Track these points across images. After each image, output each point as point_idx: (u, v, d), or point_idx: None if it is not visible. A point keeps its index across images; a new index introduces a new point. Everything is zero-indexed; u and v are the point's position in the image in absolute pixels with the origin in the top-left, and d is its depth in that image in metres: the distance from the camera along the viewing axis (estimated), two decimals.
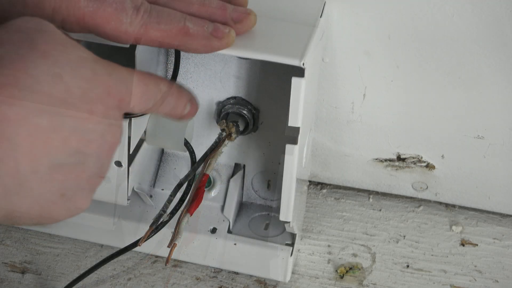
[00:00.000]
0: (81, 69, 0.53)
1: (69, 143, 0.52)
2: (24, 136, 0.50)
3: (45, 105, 0.51)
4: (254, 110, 0.75)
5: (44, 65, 0.52)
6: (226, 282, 0.76)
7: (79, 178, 0.54)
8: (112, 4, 0.57)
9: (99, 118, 0.54)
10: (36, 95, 0.51)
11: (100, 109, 0.54)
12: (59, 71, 0.52)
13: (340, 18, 0.74)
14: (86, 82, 0.53)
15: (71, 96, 0.52)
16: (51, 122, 0.51)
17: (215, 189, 0.78)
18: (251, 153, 0.78)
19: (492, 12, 0.71)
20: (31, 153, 0.50)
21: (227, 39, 0.61)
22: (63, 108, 0.52)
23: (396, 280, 0.77)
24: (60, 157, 0.52)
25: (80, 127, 0.53)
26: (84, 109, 0.53)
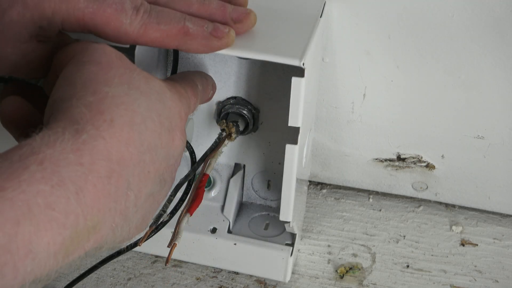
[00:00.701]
0: (164, 100, 0.55)
1: (159, 173, 0.54)
2: (136, 175, 0.51)
3: (150, 142, 0.52)
4: (254, 110, 0.75)
5: (144, 102, 0.53)
6: (226, 282, 0.76)
7: (155, 201, 0.56)
8: (111, 5, 0.57)
9: (178, 143, 0.55)
10: (144, 134, 0.52)
11: (178, 135, 0.55)
12: (155, 107, 0.53)
13: (340, 18, 0.74)
14: (169, 112, 0.55)
15: (164, 128, 0.54)
16: (152, 157, 0.52)
17: (215, 189, 0.78)
18: (251, 153, 0.78)
19: (492, 12, 0.71)
20: (138, 189, 0.51)
21: (227, 39, 0.61)
22: (159, 141, 0.53)
23: (396, 280, 0.77)
24: (153, 187, 0.54)
25: (167, 156, 0.54)
26: (170, 138, 0.55)
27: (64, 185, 0.46)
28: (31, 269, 0.45)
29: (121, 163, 0.49)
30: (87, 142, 0.48)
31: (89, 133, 0.49)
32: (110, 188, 0.48)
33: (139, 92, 0.53)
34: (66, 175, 0.46)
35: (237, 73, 0.74)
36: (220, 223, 0.76)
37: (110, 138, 0.49)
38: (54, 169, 0.46)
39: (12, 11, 0.57)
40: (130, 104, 0.52)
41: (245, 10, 0.63)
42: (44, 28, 0.58)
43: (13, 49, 0.58)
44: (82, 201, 0.47)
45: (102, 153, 0.49)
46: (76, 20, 0.57)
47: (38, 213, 0.45)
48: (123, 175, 0.49)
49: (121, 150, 0.50)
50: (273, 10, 0.68)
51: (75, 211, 0.46)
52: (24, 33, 0.58)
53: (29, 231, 0.44)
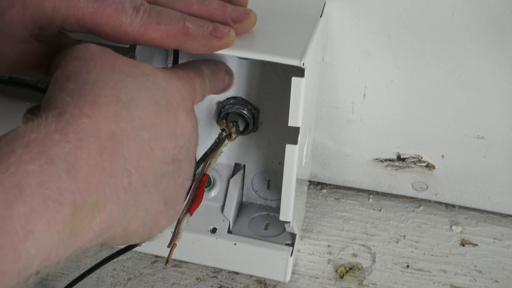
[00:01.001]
0: (157, 81, 0.55)
1: (167, 152, 0.54)
2: (132, 150, 0.51)
3: (144, 118, 0.52)
4: (254, 110, 0.75)
5: (131, 82, 0.53)
6: (226, 282, 0.76)
7: (176, 184, 0.56)
8: (111, 5, 0.57)
9: (184, 122, 0.55)
10: (135, 110, 0.52)
11: (182, 114, 0.55)
12: (144, 85, 0.54)
13: (340, 18, 0.74)
14: (165, 92, 0.55)
15: (160, 106, 0.54)
16: (151, 134, 0.52)
17: (215, 189, 0.78)
18: (251, 153, 0.78)
19: (492, 12, 0.71)
20: (139, 166, 0.51)
21: (226, 39, 0.61)
22: (157, 119, 0.53)
23: (396, 280, 0.77)
24: (162, 167, 0.53)
25: (172, 134, 0.54)
26: (172, 117, 0.55)
27: (53, 163, 0.46)
28: (35, 251, 0.45)
29: (112, 139, 0.50)
30: (71, 122, 0.48)
31: (71, 114, 0.49)
32: (103, 163, 0.49)
33: (125, 74, 0.54)
34: (53, 153, 0.47)
35: (237, 73, 0.74)
36: (220, 223, 0.76)
37: (95, 116, 0.49)
38: (41, 149, 0.46)
39: (12, 11, 0.57)
40: (114, 85, 0.52)
41: (245, 10, 0.63)
42: (44, 28, 0.58)
43: (12, 48, 0.58)
44: (75, 178, 0.47)
45: (89, 130, 0.49)
46: (76, 20, 0.57)
47: (30, 193, 0.45)
48: (116, 150, 0.49)
49: (109, 126, 0.50)
50: (273, 10, 0.68)
51: (70, 188, 0.46)
52: (24, 33, 0.58)
53: (24, 212, 0.44)
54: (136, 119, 0.52)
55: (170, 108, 0.55)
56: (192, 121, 0.57)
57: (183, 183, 0.57)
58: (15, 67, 0.60)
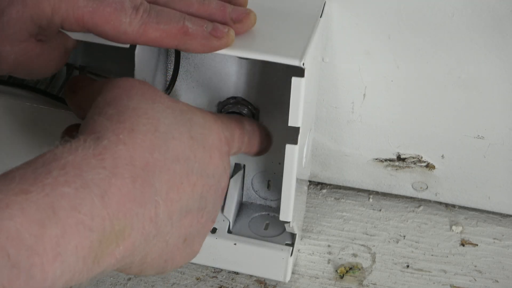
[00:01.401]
0: (194, 117, 0.56)
1: (196, 189, 0.54)
2: (163, 182, 0.51)
3: (179, 151, 0.53)
4: (254, 110, 0.75)
5: (170, 114, 0.54)
6: (226, 282, 0.76)
7: (199, 223, 0.56)
8: (111, 4, 0.57)
9: (216, 163, 0.56)
10: (170, 142, 0.52)
11: (216, 154, 0.56)
12: (181, 120, 0.54)
13: (340, 18, 0.74)
14: (202, 129, 0.55)
15: (196, 142, 0.54)
16: (183, 168, 0.53)
17: None
18: None
19: (492, 12, 0.71)
20: (168, 198, 0.51)
21: (226, 39, 0.61)
22: (191, 154, 0.54)
23: (396, 280, 0.77)
24: (189, 203, 0.54)
25: (204, 172, 0.55)
26: (206, 154, 0.55)
27: (88, 187, 0.46)
28: (61, 273, 0.45)
29: (145, 168, 0.50)
30: (108, 148, 0.49)
31: (109, 139, 0.49)
32: (135, 192, 0.49)
33: (164, 106, 0.54)
34: (89, 178, 0.47)
35: (237, 73, 0.74)
36: (220, 223, 0.76)
37: (131, 143, 0.50)
38: (77, 172, 0.47)
39: (12, 10, 0.57)
40: (153, 114, 0.52)
41: (245, 10, 0.63)
42: (44, 27, 0.58)
43: (12, 47, 0.58)
44: (108, 204, 0.47)
45: (125, 158, 0.49)
46: (76, 19, 0.57)
47: (63, 215, 0.45)
48: (148, 180, 0.50)
49: (144, 155, 0.50)
50: (273, 10, 0.68)
51: (101, 213, 0.46)
52: (24, 32, 0.58)
53: (55, 234, 0.44)
54: (171, 151, 0.52)
55: (205, 146, 0.55)
56: (225, 163, 0.57)
57: (205, 223, 0.57)
58: (14, 67, 0.60)
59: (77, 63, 0.81)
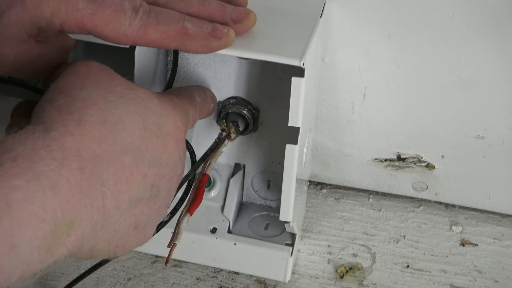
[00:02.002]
0: (151, 106, 0.55)
1: (147, 178, 0.54)
2: (111, 173, 0.51)
3: (129, 142, 0.52)
4: (254, 110, 0.75)
5: (123, 104, 0.53)
6: (226, 282, 0.76)
7: (151, 210, 0.56)
8: (111, 6, 0.57)
9: (171, 151, 0.56)
10: (122, 133, 0.52)
11: (171, 143, 0.56)
12: (135, 109, 0.54)
13: (340, 18, 0.74)
14: (158, 118, 0.55)
15: (149, 132, 0.54)
16: (134, 159, 0.53)
17: (215, 189, 0.78)
18: (251, 153, 0.77)
19: (492, 12, 0.71)
20: (116, 189, 0.51)
21: (226, 39, 0.61)
22: (142, 144, 0.53)
23: (396, 280, 0.77)
24: (139, 192, 0.54)
25: (156, 162, 0.54)
26: (159, 144, 0.55)
27: (39, 179, 0.47)
28: (16, 265, 0.45)
29: (92, 159, 0.50)
30: (56, 138, 0.49)
31: (57, 130, 0.49)
32: (82, 183, 0.49)
33: (118, 95, 0.54)
34: (40, 169, 0.47)
35: (237, 73, 0.74)
36: (220, 223, 0.76)
37: (79, 134, 0.50)
38: (28, 164, 0.47)
39: (11, 12, 0.57)
40: (104, 105, 0.52)
41: (245, 10, 0.63)
42: (43, 29, 0.58)
43: (11, 49, 0.58)
44: (58, 195, 0.47)
45: (72, 149, 0.49)
46: (75, 21, 0.57)
47: (16, 207, 0.45)
48: (95, 172, 0.50)
49: (92, 147, 0.50)
50: (273, 10, 0.68)
51: (52, 205, 0.47)
52: (23, 34, 0.58)
53: (10, 226, 0.45)
54: (120, 142, 0.52)
55: (159, 135, 0.55)
56: (180, 151, 0.57)
57: (158, 209, 0.57)
58: (14, 68, 0.60)
59: None
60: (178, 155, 0.57)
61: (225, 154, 0.77)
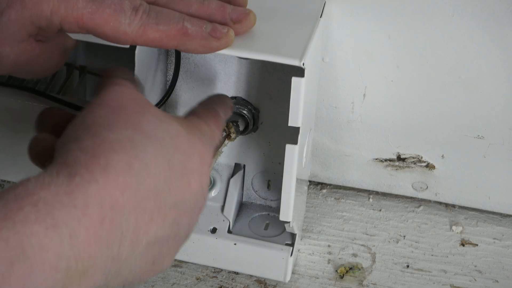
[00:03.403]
0: (179, 144, 0.53)
1: (167, 219, 0.52)
2: (131, 221, 0.49)
3: (152, 187, 0.51)
4: (254, 110, 0.75)
5: (150, 147, 0.51)
6: (226, 282, 0.76)
7: (170, 246, 0.54)
8: (110, 5, 0.57)
9: (194, 187, 0.54)
10: (146, 180, 0.50)
11: (196, 179, 0.54)
12: (163, 151, 0.52)
13: (340, 18, 0.74)
14: (184, 156, 0.53)
15: (174, 173, 0.52)
16: (156, 203, 0.51)
17: (215, 189, 0.78)
18: (251, 153, 0.78)
19: (492, 12, 0.71)
20: (134, 235, 0.50)
21: (225, 39, 0.61)
22: (167, 187, 0.52)
23: (396, 280, 0.77)
24: (158, 233, 0.52)
25: (178, 202, 0.53)
26: (183, 183, 0.53)
27: (58, 227, 0.46)
28: None
29: (114, 208, 0.48)
30: (80, 185, 0.47)
31: (82, 177, 0.48)
32: (101, 233, 0.48)
33: (146, 136, 0.52)
34: (60, 217, 0.46)
35: (237, 73, 0.74)
36: (220, 223, 0.76)
37: (103, 182, 0.48)
38: (49, 211, 0.46)
39: (11, 11, 0.57)
40: (131, 149, 0.50)
41: (245, 11, 0.63)
42: (43, 28, 0.58)
43: (11, 48, 0.58)
44: (75, 245, 0.46)
45: (95, 197, 0.48)
46: (75, 20, 0.57)
47: (32, 254, 0.44)
48: (115, 221, 0.48)
49: (115, 195, 0.48)
50: (273, 10, 0.68)
51: (68, 254, 0.46)
52: (23, 33, 0.58)
53: (22, 272, 0.44)
54: (143, 188, 0.50)
55: (184, 174, 0.53)
56: (203, 184, 0.55)
57: (178, 241, 0.55)
58: (14, 67, 0.60)
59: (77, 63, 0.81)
60: (201, 189, 0.55)
61: (225, 154, 0.77)
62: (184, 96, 0.76)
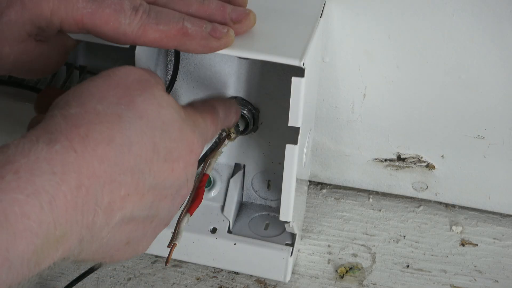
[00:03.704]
0: (170, 130, 0.54)
1: (145, 199, 0.53)
2: (106, 192, 0.50)
3: (132, 164, 0.51)
4: (254, 110, 0.75)
5: (138, 126, 0.52)
6: (226, 282, 0.76)
7: (146, 227, 0.55)
8: (110, 5, 0.57)
9: (178, 174, 0.54)
10: (126, 156, 0.51)
11: (181, 166, 0.54)
12: (151, 133, 0.52)
13: (340, 18, 0.74)
14: (172, 142, 0.54)
15: (157, 156, 0.53)
16: (134, 181, 0.51)
17: (215, 189, 0.78)
18: (251, 153, 0.78)
19: (492, 12, 0.71)
20: (109, 207, 0.50)
21: (225, 39, 0.61)
22: (147, 167, 0.52)
23: (396, 280, 0.77)
24: (134, 212, 0.53)
25: (159, 184, 0.53)
26: (166, 167, 0.54)
27: (38, 194, 0.46)
28: (6, 277, 0.45)
29: (91, 178, 0.49)
30: (59, 153, 0.48)
31: (62, 144, 0.49)
32: (77, 200, 0.48)
33: (137, 115, 0.52)
34: (40, 184, 0.47)
35: (237, 73, 0.74)
36: (220, 223, 0.76)
37: (81, 151, 0.49)
38: (29, 178, 0.46)
39: (10, 11, 0.57)
40: (116, 124, 0.51)
41: (245, 11, 0.63)
42: (43, 28, 0.58)
43: (11, 48, 0.58)
44: (55, 211, 0.47)
45: (73, 165, 0.48)
46: (75, 20, 0.57)
47: (14, 221, 0.45)
48: (91, 190, 0.49)
49: (93, 165, 0.49)
50: (273, 10, 0.68)
51: (47, 220, 0.47)
52: (23, 33, 0.58)
53: (6, 239, 0.45)
54: (121, 163, 0.51)
55: (167, 159, 0.54)
56: (189, 173, 0.55)
57: (155, 228, 0.56)
58: (14, 67, 0.60)
59: (77, 63, 0.81)
60: (186, 178, 0.55)
61: (225, 154, 0.77)
62: (184, 96, 0.76)
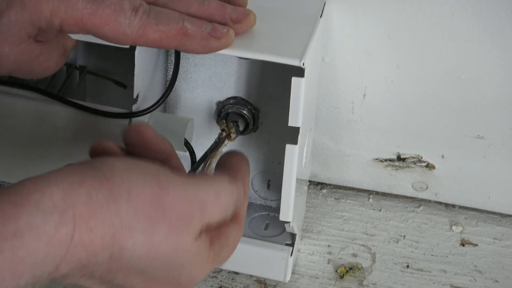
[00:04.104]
0: (185, 263, 0.53)
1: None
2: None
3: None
4: (254, 110, 0.75)
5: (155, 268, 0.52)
6: (226, 282, 0.76)
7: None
8: (110, 6, 0.57)
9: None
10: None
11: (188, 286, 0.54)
12: (170, 270, 0.52)
13: (340, 18, 0.74)
14: (183, 271, 0.53)
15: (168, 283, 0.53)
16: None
17: None
18: (251, 153, 0.77)
19: (492, 12, 0.71)
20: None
21: (225, 39, 0.61)
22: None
23: (396, 280, 0.77)
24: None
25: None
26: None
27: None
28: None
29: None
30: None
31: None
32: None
33: (170, 227, 0.51)
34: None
35: (237, 73, 0.74)
36: None
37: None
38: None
39: (10, 12, 0.57)
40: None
41: (245, 11, 0.63)
42: (43, 29, 0.58)
43: (11, 49, 0.58)
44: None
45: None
46: (75, 21, 0.57)
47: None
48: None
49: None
50: (273, 10, 0.68)
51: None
52: (23, 33, 0.58)
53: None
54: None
55: (176, 285, 0.54)
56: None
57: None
58: (14, 67, 0.60)
59: (77, 63, 0.81)
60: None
61: None
62: (184, 96, 0.76)
